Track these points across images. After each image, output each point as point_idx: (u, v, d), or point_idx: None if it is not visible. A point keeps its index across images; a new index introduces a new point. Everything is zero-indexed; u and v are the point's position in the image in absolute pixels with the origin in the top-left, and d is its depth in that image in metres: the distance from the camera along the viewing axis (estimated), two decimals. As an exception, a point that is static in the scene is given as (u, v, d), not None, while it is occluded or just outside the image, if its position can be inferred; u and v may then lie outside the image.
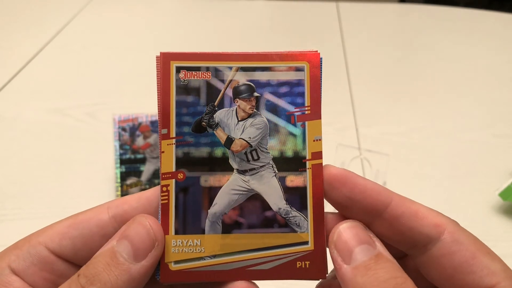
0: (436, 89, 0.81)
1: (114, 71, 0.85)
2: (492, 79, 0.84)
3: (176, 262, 0.24)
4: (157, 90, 0.25)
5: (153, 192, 0.25)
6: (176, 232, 0.24)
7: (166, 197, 0.24)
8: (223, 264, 0.24)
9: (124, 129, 0.57)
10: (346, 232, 0.22)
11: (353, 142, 0.67)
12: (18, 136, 0.68)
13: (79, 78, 0.83)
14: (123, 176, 0.55)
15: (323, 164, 0.24)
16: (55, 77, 0.83)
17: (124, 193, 0.55)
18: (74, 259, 0.24)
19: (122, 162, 0.56)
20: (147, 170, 0.56)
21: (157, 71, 0.25)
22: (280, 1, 1.14)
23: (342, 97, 0.78)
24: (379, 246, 0.22)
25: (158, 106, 0.25)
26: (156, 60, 0.25)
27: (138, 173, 0.56)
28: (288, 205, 0.24)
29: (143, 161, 0.56)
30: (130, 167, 0.56)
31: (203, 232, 0.24)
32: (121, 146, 0.56)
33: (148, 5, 1.12)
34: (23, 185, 0.59)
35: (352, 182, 0.23)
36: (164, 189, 0.24)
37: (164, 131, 0.24)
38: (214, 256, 0.24)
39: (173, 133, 0.24)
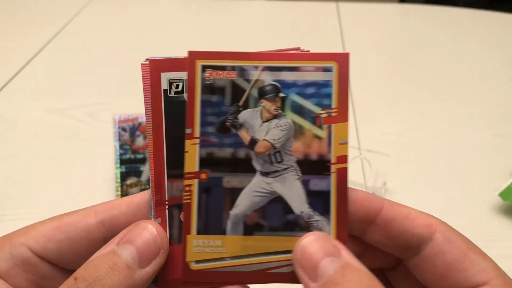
0: (436, 89, 0.81)
1: (114, 71, 0.85)
2: (492, 79, 0.84)
3: (197, 261, 0.23)
4: (144, 95, 0.24)
5: (143, 197, 0.24)
6: (198, 232, 0.24)
7: (189, 197, 0.24)
8: (244, 266, 0.23)
9: (124, 129, 0.57)
10: (309, 246, 0.22)
11: (353, 142, 0.67)
12: (18, 136, 0.68)
13: (79, 78, 0.83)
14: (123, 176, 0.55)
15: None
16: (55, 77, 0.83)
17: (124, 193, 0.55)
18: (58, 261, 0.23)
19: (122, 162, 0.56)
20: (147, 170, 0.56)
21: (144, 76, 0.24)
22: (280, 1, 1.14)
23: (342, 97, 0.78)
24: (345, 255, 0.21)
25: (146, 112, 0.24)
26: (142, 67, 0.25)
27: (138, 173, 0.56)
28: (310, 209, 0.24)
29: (143, 161, 0.56)
30: (130, 167, 0.56)
31: (224, 232, 0.24)
32: (121, 146, 0.56)
33: (148, 4, 1.12)
34: (23, 185, 0.59)
35: None
36: (187, 188, 0.24)
37: (188, 130, 0.24)
38: (235, 257, 0.24)
39: (197, 133, 0.24)
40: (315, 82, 0.24)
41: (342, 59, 0.24)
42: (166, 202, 0.24)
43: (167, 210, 0.24)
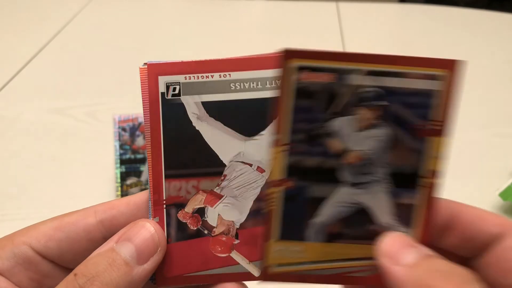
0: (436, 89, 0.81)
1: (114, 71, 0.85)
2: (492, 79, 0.84)
3: (278, 265, 0.24)
4: (142, 98, 0.25)
5: (141, 197, 0.25)
6: (280, 238, 0.24)
7: (273, 203, 0.23)
8: (323, 270, 0.24)
9: (124, 129, 0.57)
10: (391, 240, 0.22)
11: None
12: (18, 136, 0.68)
13: (79, 78, 0.83)
14: (123, 176, 0.55)
15: None
16: (55, 77, 0.83)
17: (124, 193, 0.55)
18: (59, 260, 0.24)
19: (122, 162, 0.56)
20: (147, 170, 0.56)
21: (142, 79, 0.25)
22: (280, 1, 1.14)
23: (342, 97, 0.78)
24: (428, 250, 0.22)
25: (144, 114, 0.24)
26: (140, 71, 0.25)
27: (138, 173, 0.56)
28: (396, 221, 0.23)
29: (143, 161, 0.56)
30: (130, 167, 0.56)
31: (305, 239, 0.24)
32: (121, 146, 0.56)
33: (148, 4, 1.12)
34: (23, 185, 0.59)
35: None
36: (272, 195, 0.23)
37: (276, 136, 0.23)
38: (315, 262, 0.24)
39: (285, 139, 0.23)
40: (420, 90, 0.22)
41: (454, 67, 0.22)
42: (164, 202, 0.24)
43: (164, 209, 0.24)
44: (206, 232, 0.25)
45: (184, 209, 0.25)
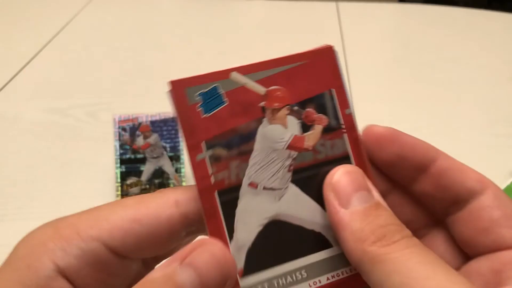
0: (436, 89, 0.81)
1: (114, 71, 0.85)
2: (492, 79, 0.84)
3: None
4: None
5: None
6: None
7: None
8: None
9: (124, 129, 0.57)
10: (345, 176, 0.21)
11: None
12: (18, 136, 0.68)
13: (79, 78, 0.83)
14: (123, 176, 0.55)
15: (367, 125, 0.24)
16: (55, 77, 0.83)
17: (124, 193, 0.55)
18: (131, 255, 0.21)
19: (122, 162, 0.56)
20: (147, 170, 0.56)
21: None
22: (280, 1, 1.14)
23: (342, 97, 0.78)
24: (377, 195, 0.21)
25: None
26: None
27: (138, 173, 0.56)
28: None
29: (143, 161, 0.56)
30: (130, 167, 0.56)
31: None
32: (121, 146, 0.56)
33: (148, 5, 1.12)
34: (23, 185, 0.59)
35: (401, 140, 0.23)
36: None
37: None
38: None
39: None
40: None
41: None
42: None
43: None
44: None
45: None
